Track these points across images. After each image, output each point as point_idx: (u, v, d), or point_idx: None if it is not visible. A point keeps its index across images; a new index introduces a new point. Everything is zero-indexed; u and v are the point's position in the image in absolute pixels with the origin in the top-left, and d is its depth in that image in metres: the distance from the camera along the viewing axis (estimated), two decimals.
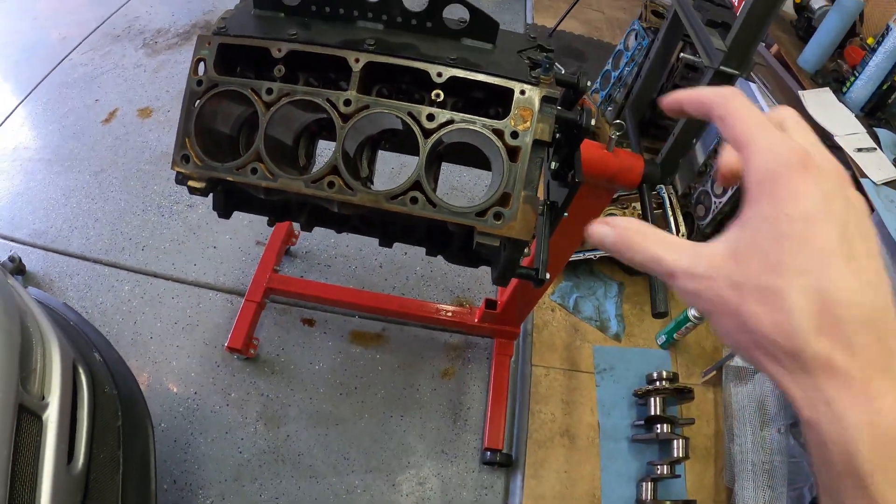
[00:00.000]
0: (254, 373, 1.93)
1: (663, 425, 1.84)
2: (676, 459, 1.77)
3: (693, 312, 1.98)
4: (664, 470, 1.76)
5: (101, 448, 1.16)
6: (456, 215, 0.79)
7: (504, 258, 0.89)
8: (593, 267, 2.32)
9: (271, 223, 1.10)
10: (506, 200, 0.81)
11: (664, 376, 1.94)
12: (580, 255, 2.19)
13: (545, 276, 0.90)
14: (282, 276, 2.04)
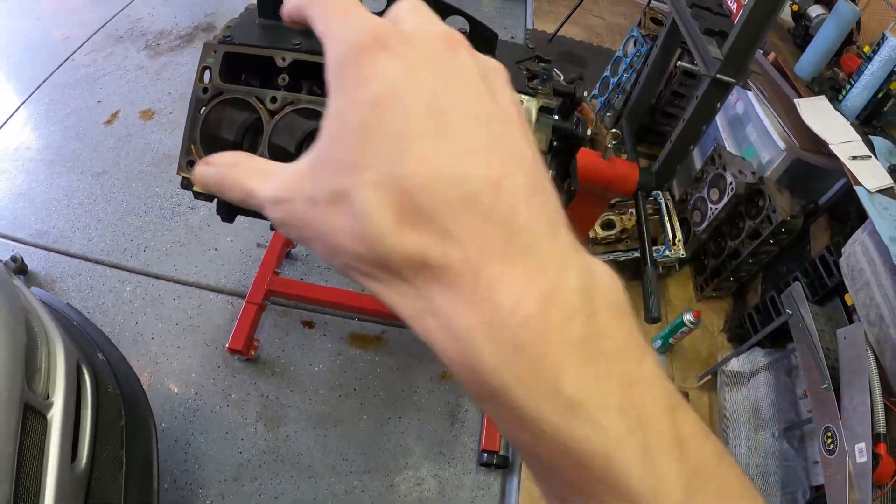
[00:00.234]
0: (254, 374, 1.95)
1: None
2: None
3: (688, 317, 2.00)
4: None
5: (105, 447, 1.18)
6: None
7: None
8: None
9: (273, 227, 1.12)
10: None
11: None
12: None
13: None
14: (282, 279, 2.06)
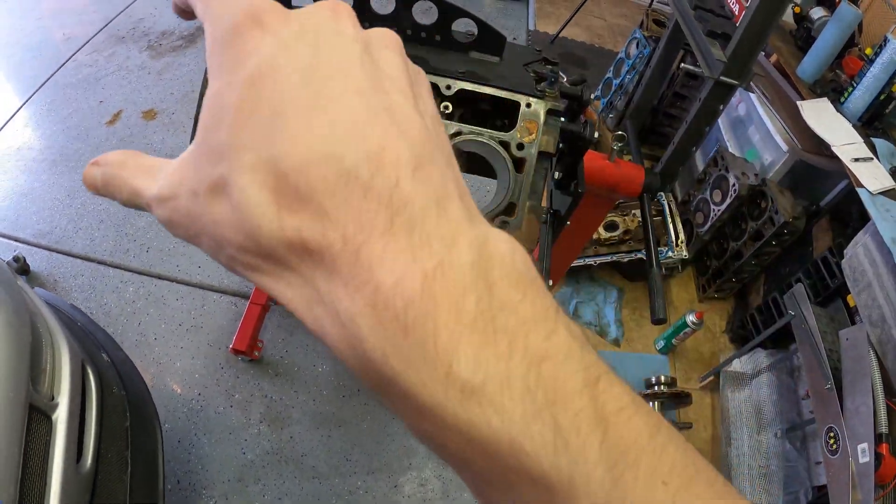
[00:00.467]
0: (258, 374, 1.95)
1: None
2: None
3: (691, 318, 2.00)
4: None
5: (110, 447, 1.18)
6: None
7: None
8: (593, 273, 2.34)
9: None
10: (511, 210, 0.83)
11: (662, 381, 1.97)
12: (580, 262, 2.22)
13: (548, 284, 0.93)
14: None
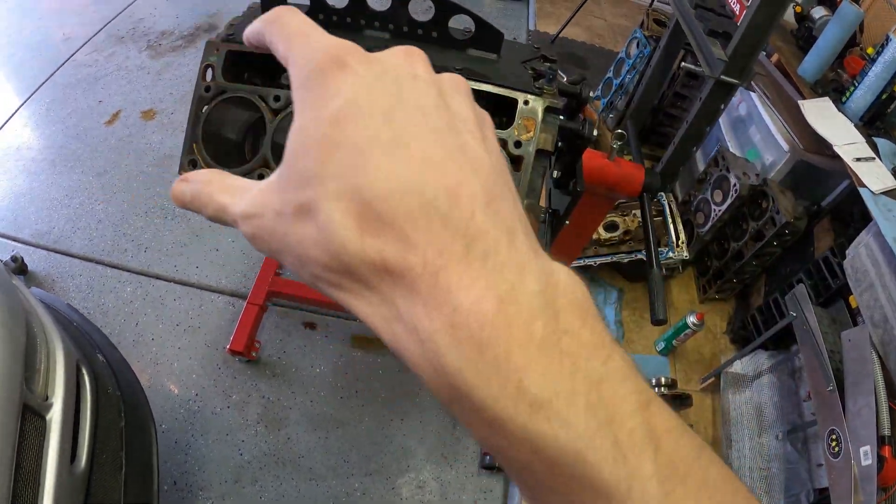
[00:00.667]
0: (255, 375, 1.94)
1: None
2: None
3: (692, 319, 1.99)
4: None
5: (104, 448, 1.17)
6: None
7: None
8: (593, 273, 2.33)
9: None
10: None
11: (663, 382, 1.95)
12: (580, 262, 2.21)
13: None
14: (284, 279, 2.05)
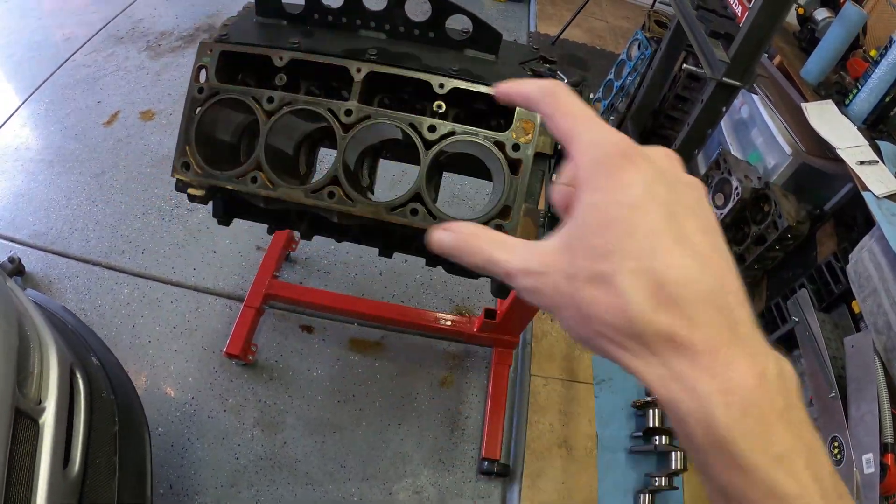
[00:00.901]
0: (252, 378, 1.93)
1: (662, 437, 1.82)
2: (675, 471, 1.76)
3: None
4: (662, 482, 1.75)
5: (98, 453, 1.15)
6: None
7: None
8: None
9: (271, 231, 1.10)
10: (506, 213, 0.81)
11: None
12: None
13: None
14: (281, 282, 2.03)
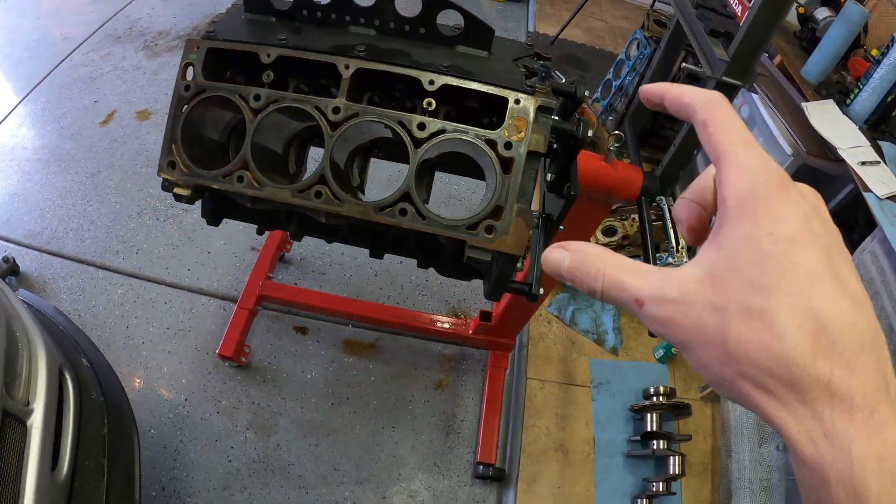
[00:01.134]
0: (245, 380, 1.91)
1: (660, 441, 1.80)
2: (672, 476, 1.74)
3: None
4: (660, 487, 1.73)
5: (87, 455, 1.14)
6: (446, 228, 0.77)
7: (496, 273, 0.87)
8: None
9: (260, 231, 1.08)
10: (498, 213, 0.79)
11: (661, 391, 1.91)
12: None
13: (539, 292, 0.87)
14: (275, 284, 2.02)
